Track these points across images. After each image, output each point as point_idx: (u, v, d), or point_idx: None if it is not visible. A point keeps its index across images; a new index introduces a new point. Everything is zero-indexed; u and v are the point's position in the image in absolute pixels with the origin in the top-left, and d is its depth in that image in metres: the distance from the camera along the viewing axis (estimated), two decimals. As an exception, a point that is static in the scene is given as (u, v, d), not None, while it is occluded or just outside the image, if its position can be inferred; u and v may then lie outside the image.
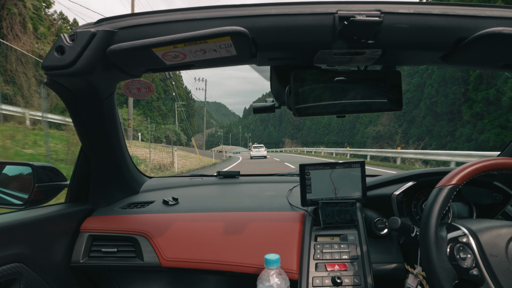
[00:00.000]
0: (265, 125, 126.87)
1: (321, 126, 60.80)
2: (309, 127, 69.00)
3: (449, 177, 0.75)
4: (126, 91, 0.91)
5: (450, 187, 0.73)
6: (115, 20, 0.73)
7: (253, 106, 1.07)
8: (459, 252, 0.71)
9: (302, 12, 0.67)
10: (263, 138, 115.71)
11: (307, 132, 69.00)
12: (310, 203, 1.11)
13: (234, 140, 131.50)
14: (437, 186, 0.75)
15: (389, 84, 0.84)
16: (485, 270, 0.69)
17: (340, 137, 48.78)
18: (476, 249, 0.71)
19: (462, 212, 1.13)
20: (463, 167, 0.76)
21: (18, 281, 0.90)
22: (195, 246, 1.05)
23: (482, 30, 0.67)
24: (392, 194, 1.07)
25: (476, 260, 0.70)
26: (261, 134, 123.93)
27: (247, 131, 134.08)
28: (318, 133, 61.48)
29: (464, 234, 0.75)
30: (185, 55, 0.72)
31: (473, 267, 0.70)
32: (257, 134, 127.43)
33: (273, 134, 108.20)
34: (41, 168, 1.11)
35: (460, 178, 0.74)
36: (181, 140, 54.51)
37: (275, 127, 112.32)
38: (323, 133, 58.75)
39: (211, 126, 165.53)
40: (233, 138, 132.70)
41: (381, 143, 28.36)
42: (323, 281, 0.91)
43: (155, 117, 51.45)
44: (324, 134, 58.11)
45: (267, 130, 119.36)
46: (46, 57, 0.72)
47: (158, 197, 1.35)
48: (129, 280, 1.20)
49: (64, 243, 1.09)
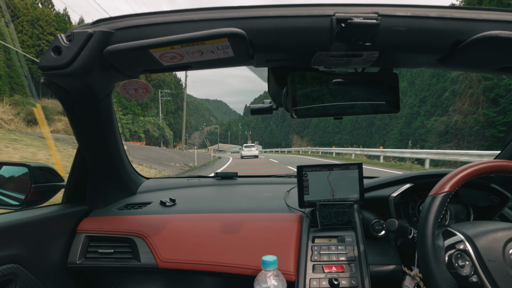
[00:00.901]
0: (266, 123, 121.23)
1: (330, 124, 56.22)
2: (316, 125, 64.46)
3: (441, 185, 0.75)
4: (123, 92, 0.91)
5: (443, 195, 0.73)
6: (112, 20, 0.72)
7: (250, 107, 1.07)
8: (457, 260, 0.71)
9: (300, 14, 0.67)
10: (264, 137, 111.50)
11: (314, 130, 64.79)
12: (308, 204, 1.11)
13: (233, 138, 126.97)
14: (430, 194, 0.75)
15: (386, 86, 0.84)
16: (484, 277, 0.68)
17: (354, 136, 44.39)
18: (474, 256, 0.71)
19: (459, 214, 1.13)
20: (455, 173, 0.76)
21: (14, 282, 0.90)
22: (192, 247, 1.05)
23: (479, 33, 0.67)
24: (390, 196, 1.07)
25: (475, 267, 0.70)
26: (262, 133, 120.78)
27: (248, 129, 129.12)
28: (327, 131, 57.59)
29: (460, 240, 0.74)
30: (182, 56, 0.72)
31: (472, 274, 0.69)
32: (258, 133, 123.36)
33: (275, 133, 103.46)
34: (38, 168, 1.11)
35: (452, 185, 0.74)
36: (166, 136, 48.67)
37: (278, 125, 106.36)
38: (333, 131, 54.96)
39: (210, 123, 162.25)
40: (233, 136, 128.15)
41: (458, 142, 18.21)
42: (320, 283, 0.91)
43: (133, 107, 44.42)
44: (334, 133, 54.27)
45: (268, 128, 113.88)
46: (43, 57, 0.71)
47: (155, 198, 1.34)
48: (125, 281, 1.19)
49: (61, 244, 1.08)
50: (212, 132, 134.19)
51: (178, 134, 65.73)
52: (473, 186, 1.08)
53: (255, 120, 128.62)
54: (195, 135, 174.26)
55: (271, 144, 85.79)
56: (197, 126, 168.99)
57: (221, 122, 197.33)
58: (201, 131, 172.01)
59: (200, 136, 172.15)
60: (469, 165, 0.76)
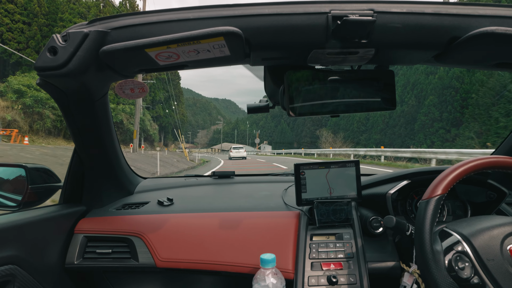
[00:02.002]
0: (277, 121, 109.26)
1: (355, 121, 49.62)
2: (335, 123, 56.23)
3: (433, 187, 0.74)
4: (119, 92, 0.90)
5: (436, 198, 0.72)
6: (108, 20, 0.72)
7: (247, 106, 1.07)
8: (457, 262, 0.70)
9: (295, 12, 0.67)
10: (274, 136, 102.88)
11: (334, 129, 54.39)
12: (305, 202, 1.11)
13: (240, 137, 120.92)
14: (423, 198, 0.75)
15: (382, 84, 0.84)
16: (485, 277, 0.67)
17: (387, 136, 37.07)
18: (473, 256, 0.70)
19: (456, 210, 1.14)
20: (445, 174, 0.75)
21: (12, 283, 0.89)
22: (190, 246, 1.05)
23: (475, 29, 0.67)
24: (387, 193, 1.07)
25: (475, 268, 0.69)
26: (271, 132, 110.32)
27: (256, 127, 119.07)
28: (351, 130, 50.28)
29: (457, 241, 0.73)
30: (179, 55, 0.71)
31: (473, 276, 0.68)
32: (267, 132, 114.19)
33: (286, 132, 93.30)
34: (35, 169, 1.10)
35: (445, 187, 0.73)
36: (148, 130, 39.75)
37: (289, 124, 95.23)
38: (358, 130, 48.19)
39: (218, 122, 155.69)
40: (240, 135, 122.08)
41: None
42: (318, 280, 0.92)
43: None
44: (359, 132, 47.28)
45: (279, 127, 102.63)
46: (38, 57, 0.71)
47: (152, 198, 1.34)
48: (124, 281, 1.19)
49: (58, 245, 1.08)
50: (218, 130, 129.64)
51: (169, 130, 58.77)
52: (470, 182, 1.08)
53: (264, 118, 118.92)
54: (202, 134, 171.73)
55: (282, 144, 77.25)
56: (204, 124, 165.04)
57: (229, 120, 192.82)
58: (208, 130, 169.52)
59: (207, 135, 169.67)
60: (460, 164, 0.75)
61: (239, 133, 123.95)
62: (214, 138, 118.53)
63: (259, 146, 72.20)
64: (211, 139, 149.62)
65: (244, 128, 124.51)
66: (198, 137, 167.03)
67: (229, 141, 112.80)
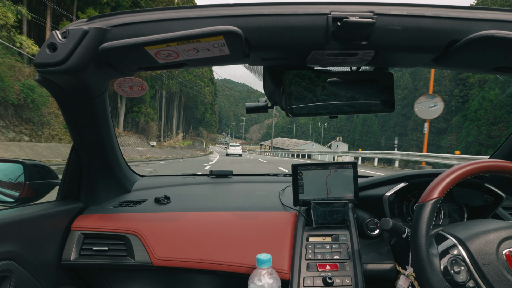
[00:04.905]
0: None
1: (375, 122, 39.01)
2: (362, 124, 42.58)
3: (429, 191, 0.74)
4: (118, 89, 0.90)
5: (432, 202, 0.72)
6: (108, 17, 0.72)
7: (246, 105, 1.07)
8: (453, 266, 0.70)
9: (296, 13, 0.67)
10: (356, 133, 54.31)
11: (357, 131, 43.88)
12: (302, 203, 1.11)
13: (300, 133, 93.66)
14: (419, 202, 0.74)
15: (381, 86, 0.84)
16: (480, 281, 0.67)
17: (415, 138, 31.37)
18: (468, 260, 0.70)
19: (453, 213, 1.14)
20: (442, 178, 0.75)
21: (9, 278, 0.89)
22: (187, 245, 1.05)
23: (474, 33, 0.67)
24: (384, 195, 1.07)
25: (470, 272, 0.69)
26: (346, 126, 70.61)
27: (325, 121, 72.28)
28: (371, 132, 42.71)
29: (453, 244, 0.73)
30: (178, 53, 0.71)
31: (469, 280, 0.68)
32: (340, 125, 72.96)
33: (373, 129, 50.95)
34: (33, 166, 1.10)
35: (441, 190, 0.73)
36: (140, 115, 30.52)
37: (378, 118, 52.50)
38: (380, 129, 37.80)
39: (270, 116, 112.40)
40: (300, 131, 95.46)
41: None
42: (314, 281, 0.92)
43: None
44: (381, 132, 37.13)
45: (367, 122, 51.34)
46: (38, 54, 0.71)
47: (150, 196, 1.34)
48: (120, 279, 1.19)
49: (55, 241, 1.08)
50: (270, 126, 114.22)
51: (187, 118, 48.64)
52: (467, 185, 1.08)
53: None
54: (254, 129, 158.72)
55: (366, 144, 47.14)
56: (258, 118, 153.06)
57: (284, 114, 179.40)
58: (261, 124, 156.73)
59: (260, 130, 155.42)
60: (457, 168, 0.75)
61: (299, 127, 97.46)
62: (268, 134, 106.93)
63: (329, 144, 58.67)
64: (264, 134, 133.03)
65: (305, 121, 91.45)
66: (250, 132, 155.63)
67: (285, 136, 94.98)
